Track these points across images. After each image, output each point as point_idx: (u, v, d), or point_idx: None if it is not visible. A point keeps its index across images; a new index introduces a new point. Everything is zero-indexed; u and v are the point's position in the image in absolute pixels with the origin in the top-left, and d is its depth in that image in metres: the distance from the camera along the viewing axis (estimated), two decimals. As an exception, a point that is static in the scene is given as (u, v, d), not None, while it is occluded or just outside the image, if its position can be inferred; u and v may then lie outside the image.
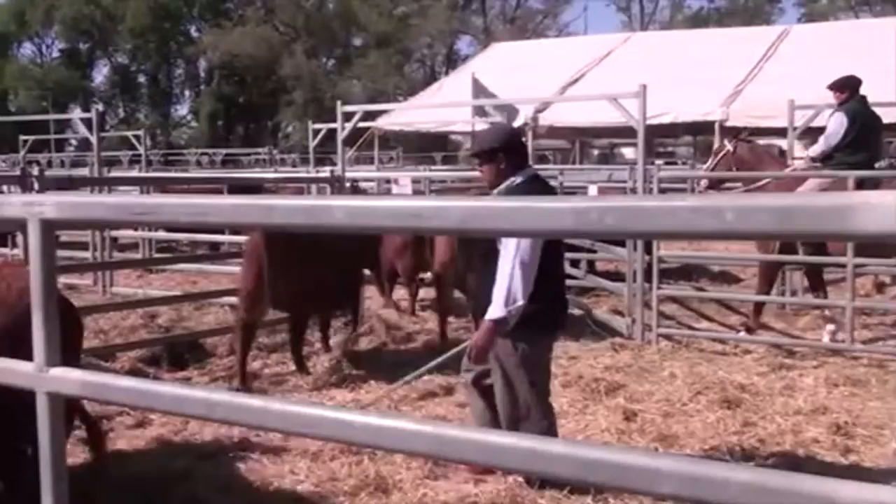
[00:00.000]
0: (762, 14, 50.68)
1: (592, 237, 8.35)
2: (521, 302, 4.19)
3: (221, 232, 12.04)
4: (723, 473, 1.29)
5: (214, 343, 8.15)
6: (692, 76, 20.13)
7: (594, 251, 10.17)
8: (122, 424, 5.91)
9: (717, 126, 18.68)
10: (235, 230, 9.78)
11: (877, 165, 8.56)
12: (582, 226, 1.35)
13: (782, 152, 11.09)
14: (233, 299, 9.52)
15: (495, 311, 4.24)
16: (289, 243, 6.69)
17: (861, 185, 7.58)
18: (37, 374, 2.05)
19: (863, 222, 1.20)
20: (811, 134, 22.65)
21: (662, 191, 8.59)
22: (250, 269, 7.07)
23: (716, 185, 9.32)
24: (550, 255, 4.34)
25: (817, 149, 8.67)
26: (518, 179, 4.49)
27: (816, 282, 8.67)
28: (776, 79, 19.05)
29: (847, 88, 8.59)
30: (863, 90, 8.72)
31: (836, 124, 8.44)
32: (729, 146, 9.22)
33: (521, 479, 4.59)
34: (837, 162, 8.35)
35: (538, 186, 4.52)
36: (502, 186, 4.50)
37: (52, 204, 2.00)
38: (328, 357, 7.68)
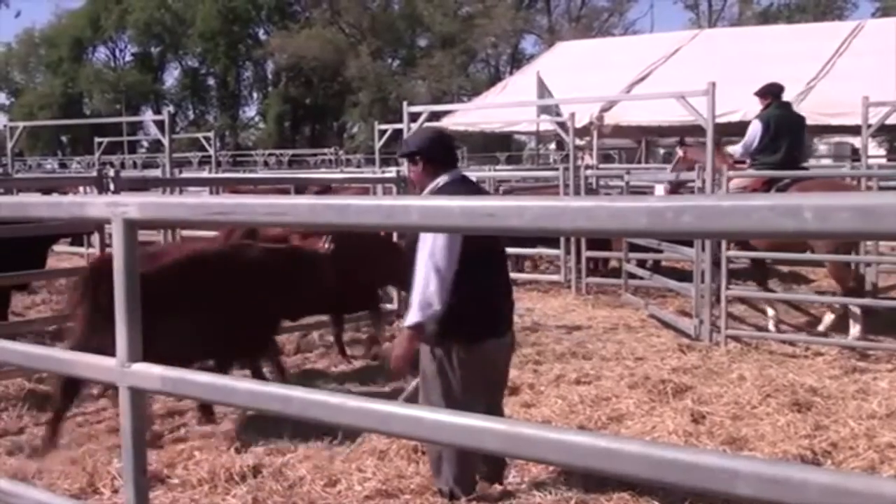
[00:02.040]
0: (834, 9, 49.48)
1: (667, 237, 8.30)
2: (436, 307, 4.06)
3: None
4: (801, 475, 1.28)
5: (282, 341, 8.25)
6: (762, 73, 19.66)
7: (660, 251, 10.06)
8: (195, 419, 6.04)
9: (787, 124, 18.30)
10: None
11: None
12: (657, 225, 1.35)
13: (855, 150, 10.83)
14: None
15: (411, 316, 4.15)
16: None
17: (771, 184, 8.32)
18: (119, 369, 2.12)
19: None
20: (886, 131, 22.14)
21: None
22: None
23: (675, 188, 9.54)
24: (476, 260, 4.15)
25: (737, 151, 9.22)
26: (441, 181, 4.40)
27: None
28: (849, 75, 18.60)
29: (769, 95, 9.06)
30: None
31: (752, 131, 8.89)
32: (680, 151, 9.87)
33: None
34: (759, 164, 8.72)
35: (463, 187, 4.39)
36: (427, 189, 4.41)
37: (135, 204, 2.06)
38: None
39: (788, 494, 1.28)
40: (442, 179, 4.43)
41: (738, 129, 19.97)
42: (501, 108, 18.89)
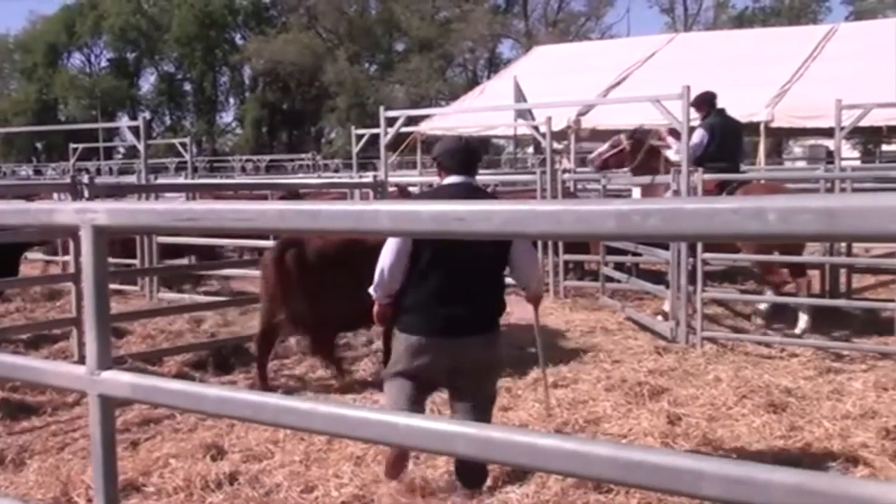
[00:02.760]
0: (808, 13, 50.02)
1: (635, 240, 8.36)
2: (381, 292, 4.64)
3: (268, 238, 12.18)
4: (766, 476, 1.29)
5: (260, 347, 8.24)
6: (737, 77, 19.90)
7: (639, 254, 10.11)
8: (170, 428, 6.01)
9: (762, 127, 18.47)
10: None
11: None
12: (625, 229, 1.35)
13: (830, 152, 10.96)
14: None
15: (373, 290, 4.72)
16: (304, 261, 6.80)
17: (723, 186, 8.59)
18: (89, 377, 2.10)
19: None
20: (860, 134, 22.30)
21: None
22: (268, 280, 7.07)
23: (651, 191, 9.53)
24: (428, 260, 4.46)
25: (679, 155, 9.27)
26: (443, 183, 4.79)
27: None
28: (823, 78, 18.78)
29: (704, 104, 9.42)
30: None
31: (697, 138, 9.13)
32: (626, 144, 9.83)
33: (563, 481, 4.58)
34: (706, 169, 8.71)
35: (457, 189, 4.66)
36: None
37: (104, 211, 2.05)
38: (372, 360, 7.73)
39: (753, 495, 1.29)
40: (445, 181, 4.76)
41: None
42: (479, 112, 18.92)
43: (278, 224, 1.77)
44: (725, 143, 9.18)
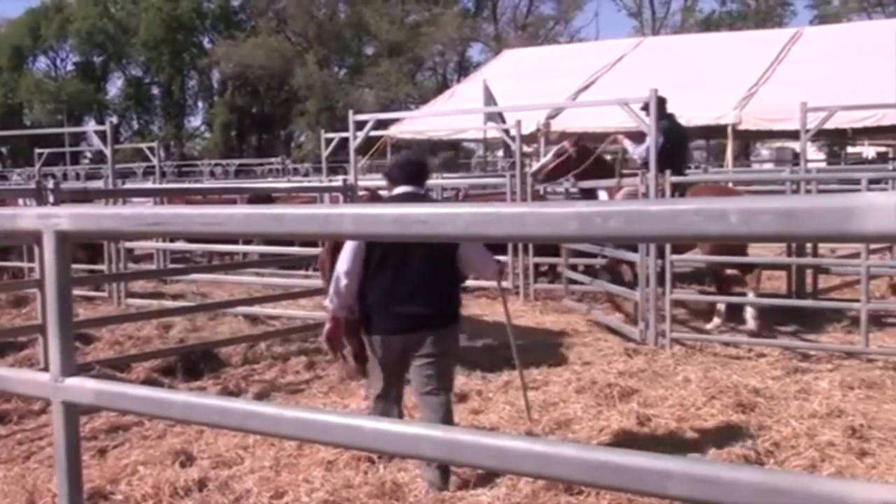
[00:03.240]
0: (774, 17, 50.51)
1: (597, 241, 8.45)
2: (330, 304, 5.10)
3: (236, 242, 12.12)
4: (731, 474, 1.30)
5: (229, 353, 8.19)
6: (704, 80, 20.11)
7: (605, 256, 10.16)
8: (138, 435, 5.95)
9: (729, 129, 18.66)
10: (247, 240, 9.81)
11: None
12: (587, 230, 1.36)
13: (796, 154, 11.09)
14: (246, 309, 9.62)
15: (328, 303, 5.18)
16: None
17: (676, 187, 8.63)
18: (52, 384, 2.08)
19: (866, 223, 1.21)
20: (825, 136, 22.56)
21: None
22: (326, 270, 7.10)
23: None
24: (378, 262, 4.87)
25: (637, 156, 9.57)
26: (389, 194, 5.35)
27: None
28: (789, 81, 19.01)
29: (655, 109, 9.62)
30: (875, 91, 8.96)
31: (651, 141, 9.14)
32: (570, 149, 10.15)
33: (534, 483, 4.59)
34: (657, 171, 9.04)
35: (398, 199, 5.09)
36: None
37: (66, 216, 2.02)
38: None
39: (719, 494, 1.30)
40: (394, 192, 5.21)
41: (682, 134, 20.27)
42: (449, 115, 18.95)
43: (244, 228, 1.77)
44: (675, 147, 9.40)
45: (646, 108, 8.86)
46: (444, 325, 4.96)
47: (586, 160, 9.92)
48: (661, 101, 9.49)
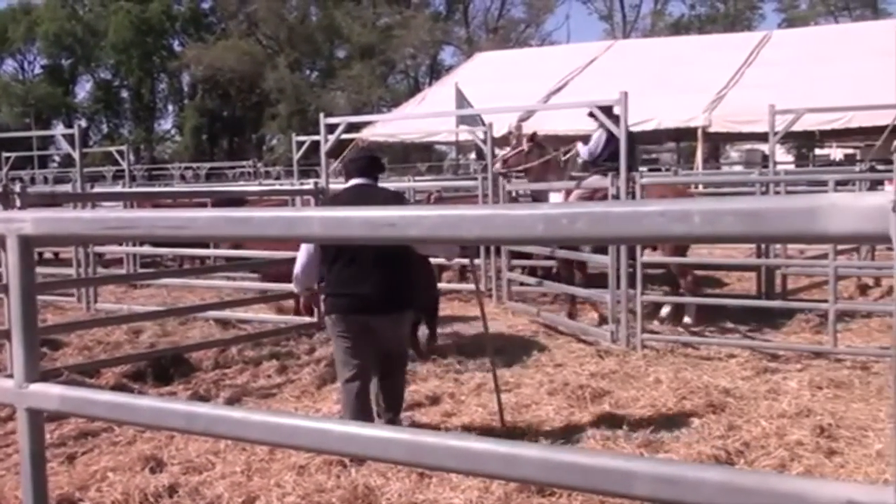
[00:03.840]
0: (743, 20, 50.95)
1: (564, 243, 8.51)
2: (298, 284, 5.82)
3: (207, 246, 12.04)
4: (696, 474, 1.31)
5: (199, 357, 8.14)
6: (675, 83, 20.26)
7: (552, 257, 10.28)
8: (108, 441, 5.89)
9: (699, 132, 18.79)
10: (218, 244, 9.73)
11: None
12: (553, 232, 1.36)
13: (766, 156, 11.19)
14: (217, 313, 9.56)
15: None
16: None
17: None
18: (17, 390, 2.05)
19: (829, 224, 1.22)
20: (794, 138, 22.80)
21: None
22: None
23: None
24: (335, 257, 5.49)
25: (584, 155, 10.14)
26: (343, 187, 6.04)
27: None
28: (758, 84, 19.19)
29: (603, 113, 9.91)
30: (843, 94, 9.08)
31: (596, 140, 9.84)
32: (525, 146, 10.62)
33: (506, 486, 4.60)
34: (604, 169, 9.26)
35: (351, 189, 5.82)
36: None
37: (30, 220, 2.00)
38: (315, 368, 7.68)
39: (684, 493, 1.30)
40: (348, 184, 5.89)
41: (652, 136, 20.48)
42: (421, 118, 18.94)
43: (209, 231, 1.75)
44: (619, 149, 9.53)
45: (589, 114, 9.32)
46: (392, 310, 5.54)
47: (538, 157, 10.42)
48: (608, 108, 9.89)
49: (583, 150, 10.07)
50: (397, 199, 6.23)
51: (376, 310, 5.41)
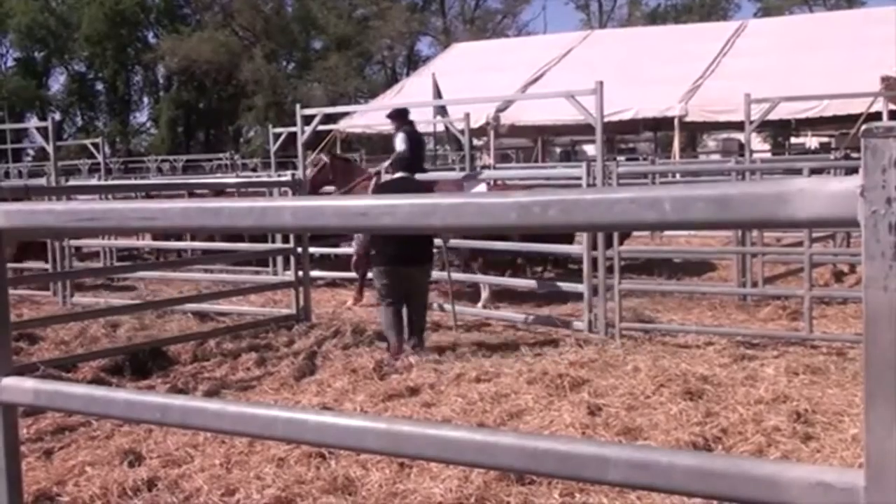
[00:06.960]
0: (718, 10, 51.22)
1: (537, 230, 8.56)
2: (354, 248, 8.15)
3: (181, 238, 11.98)
4: (667, 459, 1.32)
5: (178, 351, 8.10)
6: (651, 72, 20.32)
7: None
8: (86, 435, 5.86)
9: (676, 121, 18.86)
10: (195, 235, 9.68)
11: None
12: (525, 220, 1.37)
13: (742, 145, 11.26)
14: (195, 306, 9.52)
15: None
16: None
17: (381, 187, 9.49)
18: (-11, 384, 2.04)
19: (797, 209, 1.23)
20: (769, 127, 22.96)
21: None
22: None
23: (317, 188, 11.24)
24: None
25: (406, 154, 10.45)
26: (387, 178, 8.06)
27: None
28: (733, 73, 19.29)
29: (399, 118, 11.09)
30: (818, 83, 9.14)
31: (402, 142, 10.63)
32: (325, 159, 11.85)
33: (486, 475, 4.61)
34: (403, 169, 9.25)
35: (397, 182, 8.07)
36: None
37: (1, 213, 1.98)
38: (294, 360, 7.67)
39: (656, 479, 1.31)
40: (394, 176, 8.28)
41: (630, 126, 20.55)
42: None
43: (181, 222, 1.74)
44: (417, 149, 10.84)
45: (388, 116, 10.99)
46: (423, 262, 8.03)
47: (340, 169, 11.54)
48: (405, 112, 11.01)
49: (401, 149, 10.51)
50: (427, 188, 8.59)
51: (411, 262, 7.83)
